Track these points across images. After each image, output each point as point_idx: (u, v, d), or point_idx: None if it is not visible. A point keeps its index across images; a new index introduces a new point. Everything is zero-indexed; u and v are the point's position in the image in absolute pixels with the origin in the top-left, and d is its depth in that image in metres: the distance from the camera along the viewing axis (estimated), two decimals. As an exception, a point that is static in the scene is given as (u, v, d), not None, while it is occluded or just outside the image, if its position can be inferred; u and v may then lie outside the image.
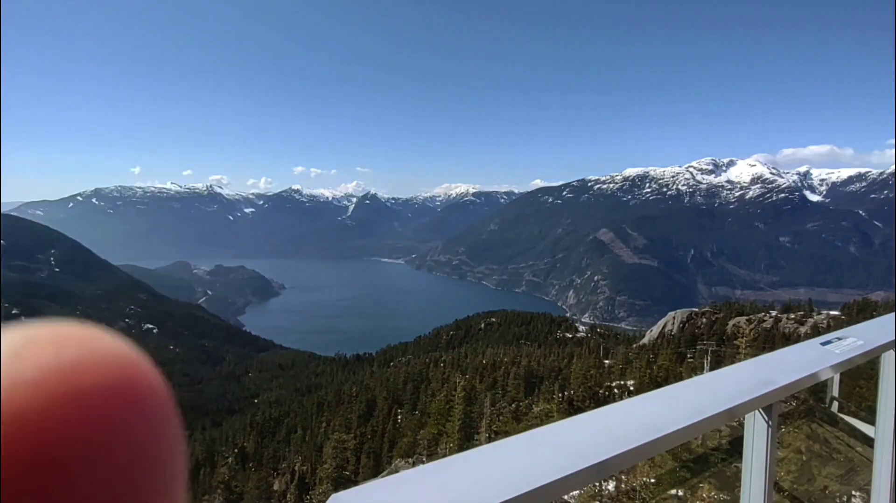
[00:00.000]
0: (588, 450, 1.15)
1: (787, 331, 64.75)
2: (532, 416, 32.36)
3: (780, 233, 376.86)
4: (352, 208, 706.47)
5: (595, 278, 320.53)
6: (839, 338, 2.20)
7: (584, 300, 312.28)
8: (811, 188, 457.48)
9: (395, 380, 69.60)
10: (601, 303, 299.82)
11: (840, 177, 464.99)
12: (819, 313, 71.44)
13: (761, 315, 73.30)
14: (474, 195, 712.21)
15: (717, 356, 45.44)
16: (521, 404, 41.56)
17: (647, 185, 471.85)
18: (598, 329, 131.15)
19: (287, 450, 59.33)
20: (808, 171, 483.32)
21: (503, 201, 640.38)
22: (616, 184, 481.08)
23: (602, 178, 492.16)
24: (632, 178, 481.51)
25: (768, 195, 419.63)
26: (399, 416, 54.22)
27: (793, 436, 2.71)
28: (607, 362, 61.53)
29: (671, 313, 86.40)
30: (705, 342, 48.60)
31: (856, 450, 2.73)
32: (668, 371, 41.96)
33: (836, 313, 70.42)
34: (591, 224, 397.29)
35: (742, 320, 67.94)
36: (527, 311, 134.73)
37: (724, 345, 49.46)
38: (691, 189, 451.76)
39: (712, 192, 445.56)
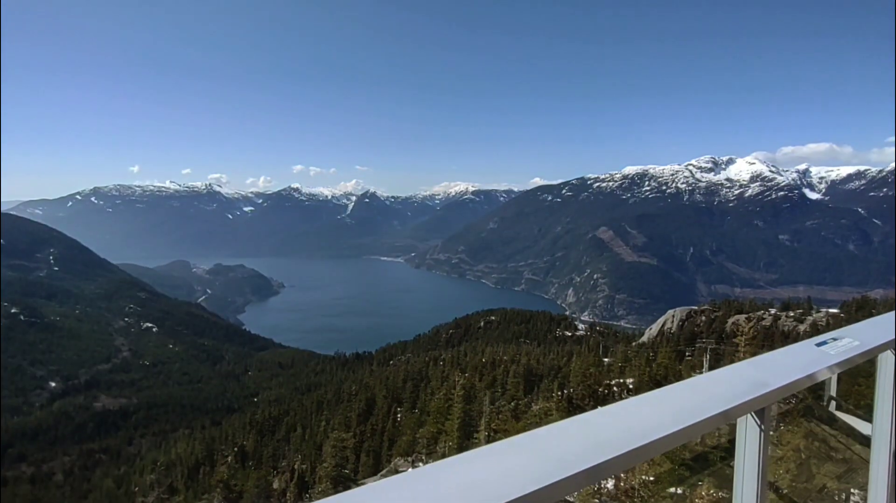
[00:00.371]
0: (577, 456, 1.15)
1: (786, 329, 64.76)
2: (531, 415, 32.30)
3: (780, 231, 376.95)
4: (351, 207, 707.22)
5: (594, 276, 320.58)
6: (835, 338, 2.18)
7: (583, 298, 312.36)
8: (810, 186, 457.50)
9: (394, 379, 69.55)
10: (600, 302, 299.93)
11: (839, 175, 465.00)
12: (818, 311, 71.41)
13: (760, 313, 73.27)
14: (473, 194, 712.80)
15: (717, 354, 45.43)
16: (521, 402, 41.51)
17: (647, 183, 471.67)
18: (598, 327, 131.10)
19: (287, 448, 59.27)
20: (807, 169, 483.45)
21: (502, 199, 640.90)
22: (615, 182, 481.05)
23: (601, 177, 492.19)
24: (631, 176, 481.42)
25: (767, 193, 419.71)
26: (398, 415, 54.15)
27: (790, 435, 2.69)
28: (607, 360, 61.47)
29: (670, 311, 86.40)
30: (704, 340, 48.64)
31: (853, 450, 2.72)
32: (668, 369, 41.86)
33: (835, 311, 70.42)
34: (591, 222, 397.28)
35: (741, 318, 67.97)
36: (526, 310, 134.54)
37: (724, 344, 49.45)
38: (690, 187, 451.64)
39: (712, 190, 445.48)
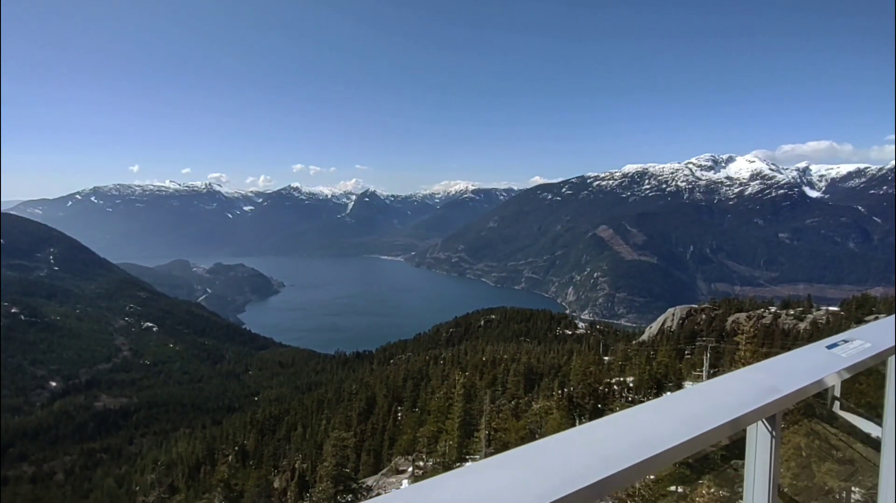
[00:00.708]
0: (581, 470, 1.09)
1: (786, 327, 64.80)
2: (532, 413, 32.37)
3: (780, 229, 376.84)
4: (351, 206, 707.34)
5: (594, 275, 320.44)
6: (845, 340, 2.13)
7: (583, 297, 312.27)
8: (810, 184, 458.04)
9: (394, 378, 69.61)
10: (601, 300, 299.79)
11: (839, 173, 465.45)
12: (818, 309, 71.37)
13: (761, 311, 73.26)
14: (473, 192, 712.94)
15: (717, 352, 45.45)
16: (521, 401, 41.57)
17: (647, 181, 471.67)
18: (598, 325, 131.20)
19: (287, 447, 59.28)
20: (807, 167, 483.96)
21: (502, 198, 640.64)
22: (615, 180, 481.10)
23: (601, 175, 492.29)
24: (631, 174, 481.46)
25: (767, 191, 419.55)
26: (399, 414, 54.22)
27: (794, 436, 2.65)
28: (607, 359, 61.58)
29: (670, 310, 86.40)
30: (704, 338, 48.66)
31: (858, 451, 2.69)
32: (668, 367, 42.00)
33: (835, 309, 70.38)
34: (591, 221, 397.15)
35: (741, 316, 67.95)
36: (526, 308, 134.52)
37: (724, 342, 49.46)
38: (690, 185, 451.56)
39: (711, 188, 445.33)
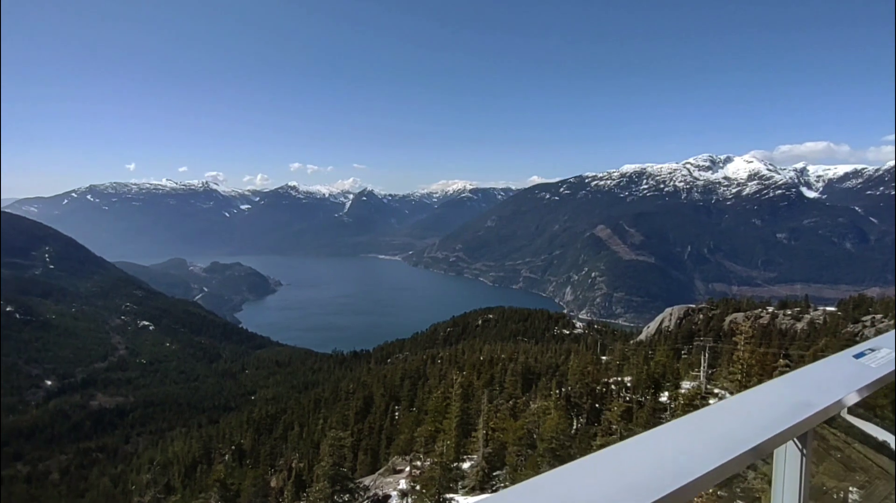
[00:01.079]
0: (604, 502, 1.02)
1: (783, 327, 64.84)
2: (529, 413, 32.19)
3: (777, 229, 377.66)
4: (348, 205, 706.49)
5: (592, 274, 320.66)
6: (871, 349, 2.04)
7: (581, 296, 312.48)
8: (808, 184, 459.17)
9: (392, 377, 69.38)
10: (598, 300, 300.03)
11: (836, 173, 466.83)
12: (816, 309, 71.42)
13: (758, 311, 73.30)
14: (471, 192, 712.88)
15: (715, 352, 45.34)
16: (519, 401, 41.39)
17: (645, 181, 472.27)
18: (596, 325, 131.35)
19: (284, 447, 59.15)
20: (804, 168, 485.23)
21: (500, 198, 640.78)
22: (613, 180, 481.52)
23: (599, 175, 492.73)
24: (629, 174, 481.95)
25: (765, 191, 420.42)
26: (396, 413, 54.03)
27: (822, 453, 2.34)
28: (605, 358, 61.51)
29: (668, 309, 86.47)
30: (702, 338, 48.56)
31: (878, 464, 2.55)
32: (665, 367, 41.83)
33: (832, 309, 70.42)
34: (589, 220, 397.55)
35: (739, 316, 67.96)
36: (524, 308, 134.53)
37: (722, 342, 49.39)
38: (688, 185, 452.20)
39: (709, 188, 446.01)
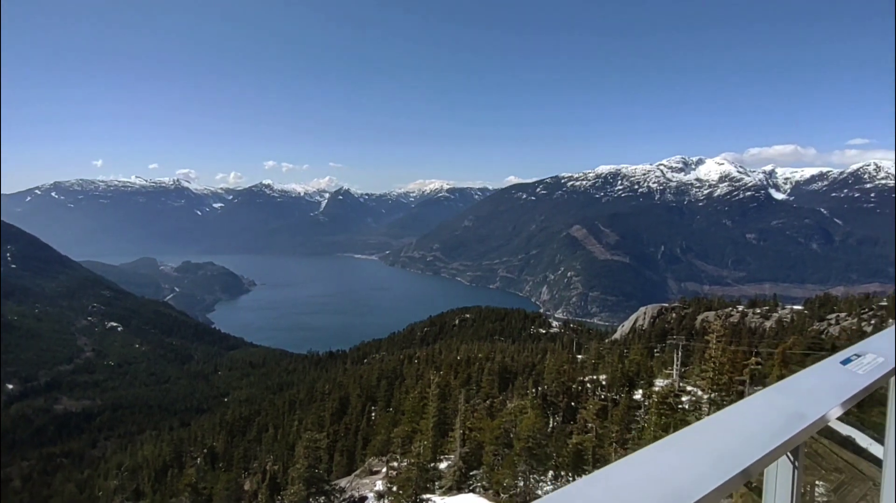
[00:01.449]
0: None
1: (753, 325, 66.43)
2: (506, 413, 32.25)
3: (747, 229, 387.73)
4: (324, 204, 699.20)
5: (568, 274, 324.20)
6: (857, 354, 2.02)
7: (557, 296, 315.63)
8: (776, 186, 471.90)
9: (368, 378, 68.88)
10: (574, 299, 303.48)
11: (803, 176, 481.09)
12: (783, 308, 73.45)
13: (729, 310, 75.03)
14: (448, 191, 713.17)
15: (687, 350, 46.14)
16: (496, 400, 41.45)
17: (619, 182, 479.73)
18: (571, 324, 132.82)
19: (258, 449, 58.19)
20: (773, 170, 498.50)
21: (477, 197, 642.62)
22: (589, 181, 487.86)
23: (575, 175, 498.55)
24: (604, 175, 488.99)
25: (735, 193, 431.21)
26: (373, 414, 53.64)
27: (812, 464, 2.48)
28: (580, 357, 62.12)
29: (642, 308, 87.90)
30: (675, 337, 49.42)
31: (860, 470, 2.58)
32: (640, 365, 42.52)
33: (799, 308, 72.50)
34: (565, 220, 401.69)
35: (710, 315, 69.45)
36: (501, 307, 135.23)
37: (694, 340, 50.33)
38: (662, 186, 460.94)
39: (682, 189, 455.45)
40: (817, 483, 2.33)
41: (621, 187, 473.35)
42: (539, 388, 40.91)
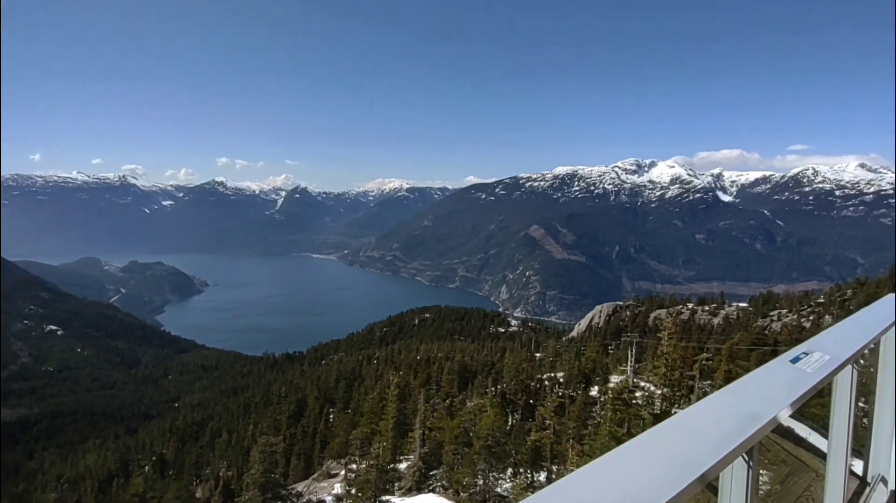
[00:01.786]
0: None
1: (702, 322, 69.11)
2: (466, 411, 32.33)
3: (696, 230, 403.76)
4: (280, 202, 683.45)
5: (527, 273, 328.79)
6: (805, 352, 2.11)
7: (516, 295, 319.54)
8: (723, 189, 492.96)
9: (326, 379, 67.84)
10: (532, 298, 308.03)
11: (748, 179, 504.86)
12: (730, 305, 76.88)
13: (679, 307, 77.87)
14: (408, 191, 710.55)
15: (640, 347, 47.54)
16: (456, 399, 41.55)
17: (576, 183, 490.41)
18: (530, 323, 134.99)
19: (211, 455, 56.41)
20: (720, 174, 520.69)
21: (437, 197, 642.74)
22: (547, 181, 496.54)
23: (534, 176, 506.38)
24: (562, 176, 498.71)
25: (685, 195, 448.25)
26: (331, 416, 52.84)
27: (765, 463, 2.57)
28: (538, 355, 63.00)
29: (598, 307, 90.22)
30: (629, 334, 50.88)
31: (807, 464, 2.67)
32: (595, 362, 43.43)
33: (744, 305, 76.08)
34: (523, 220, 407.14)
35: (662, 313, 71.83)
36: (460, 307, 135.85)
37: (647, 337, 51.92)
38: (616, 188, 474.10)
39: (636, 191, 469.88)
40: (766, 477, 2.36)
41: (578, 188, 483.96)
42: (498, 387, 41.25)
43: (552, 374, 45.76)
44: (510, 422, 32.80)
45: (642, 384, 34.41)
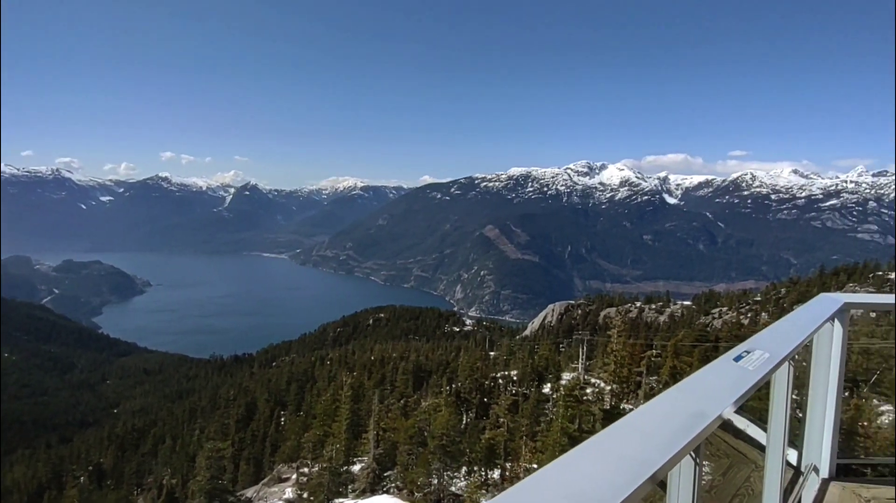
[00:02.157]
0: None
1: (649, 320, 71.67)
2: (421, 411, 32.26)
3: (644, 231, 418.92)
4: (229, 199, 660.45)
5: (481, 273, 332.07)
6: (747, 351, 2.19)
7: (470, 294, 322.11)
8: (669, 192, 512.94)
9: (277, 381, 66.31)
10: (487, 298, 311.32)
11: (692, 182, 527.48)
12: (675, 303, 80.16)
13: (628, 306, 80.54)
14: (363, 189, 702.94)
15: (591, 345, 48.80)
16: (410, 399, 41.43)
17: (530, 184, 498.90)
18: (484, 322, 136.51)
19: (154, 463, 53.97)
20: (666, 177, 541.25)
21: (392, 196, 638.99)
22: (501, 182, 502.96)
23: (488, 176, 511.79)
24: (516, 177, 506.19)
25: (634, 197, 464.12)
26: (282, 419, 51.66)
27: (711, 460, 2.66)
28: (493, 354, 63.69)
29: (550, 306, 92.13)
30: (580, 332, 52.21)
31: (742, 453, 2.75)
32: (548, 360, 44.29)
33: (688, 303, 79.58)
34: (478, 220, 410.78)
35: (612, 311, 74.10)
36: (415, 306, 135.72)
37: (597, 335, 53.35)
38: (569, 189, 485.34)
39: (587, 192, 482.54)
40: (709, 468, 2.44)
41: (532, 189, 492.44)
42: (453, 386, 41.37)
43: (506, 373, 46.33)
44: (465, 421, 32.95)
45: (593, 381, 35.35)
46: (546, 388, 37.34)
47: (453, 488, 23.54)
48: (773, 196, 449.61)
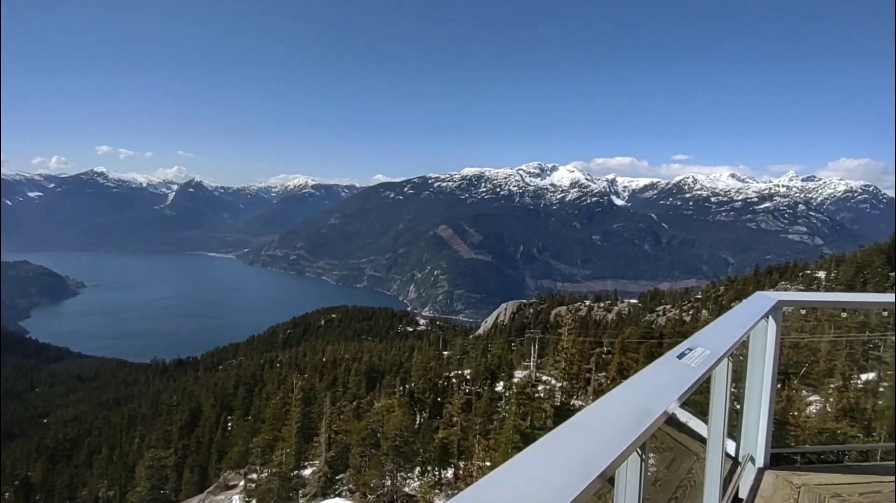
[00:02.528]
0: None
1: (598, 317, 73.79)
2: (374, 412, 31.93)
3: (593, 231, 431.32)
4: (172, 196, 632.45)
5: (435, 273, 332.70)
6: (690, 348, 2.27)
7: (424, 294, 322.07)
8: (616, 194, 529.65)
9: (224, 385, 64.09)
10: (440, 297, 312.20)
11: (638, 185, 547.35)
12: (622, 302, 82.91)
13: (578, 304, 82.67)
14: (314, 187, 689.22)
15: (542, 343, 49.73)
16: (363, 401, 40.96)
17: (483, 184, 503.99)
18: (438, 322, 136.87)
19: (89, 474, 51.01)
20: (614, 179, 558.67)
21: (344, 195, 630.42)
22: (455, 182, 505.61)
23: (442, 176, 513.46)
24: (469, 177, 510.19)
25: (583, 198, 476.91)
26: (229, 424, 49.98)
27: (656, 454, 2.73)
28: (446, 353, 63.89)
29: (503, 305, 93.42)
30: (532, 331, 53.11)
31: (684, 446, 2.85)
32: (501, 359, 44.80)
33: (634, 301, 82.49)
34: (432, 220, 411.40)
35: (562, 309, 75.80)
36: (368, 307, 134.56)
37: (549, 333, 54.43)
38: (521, 190, 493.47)
39: (539, 193, 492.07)
40: (654, 461, 2.49)
41: (485, 189, 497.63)
42: (406, 386, 41.17)
43: (459, 372, 46.53)
44: (418, 421, 32.84)
45: (544, 378, 36.04)
46: (499, 387, 37.76)
47: (407, 489, 23.44)
48: (712, 199, 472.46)
